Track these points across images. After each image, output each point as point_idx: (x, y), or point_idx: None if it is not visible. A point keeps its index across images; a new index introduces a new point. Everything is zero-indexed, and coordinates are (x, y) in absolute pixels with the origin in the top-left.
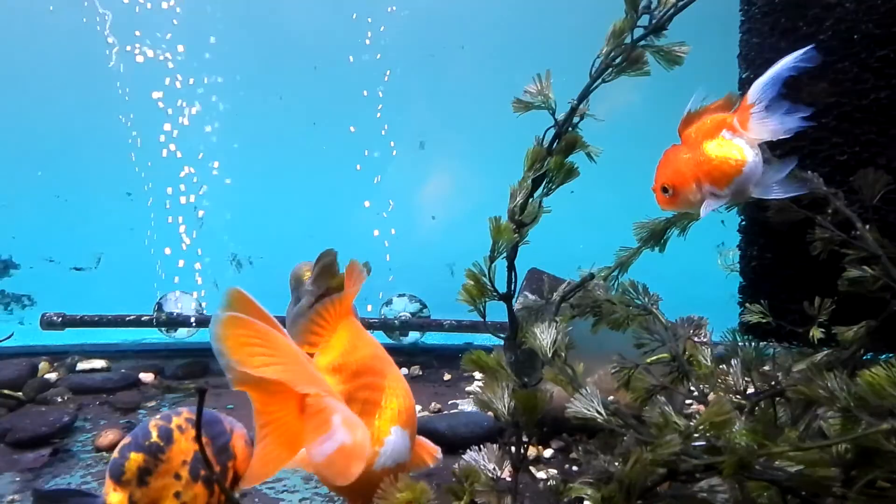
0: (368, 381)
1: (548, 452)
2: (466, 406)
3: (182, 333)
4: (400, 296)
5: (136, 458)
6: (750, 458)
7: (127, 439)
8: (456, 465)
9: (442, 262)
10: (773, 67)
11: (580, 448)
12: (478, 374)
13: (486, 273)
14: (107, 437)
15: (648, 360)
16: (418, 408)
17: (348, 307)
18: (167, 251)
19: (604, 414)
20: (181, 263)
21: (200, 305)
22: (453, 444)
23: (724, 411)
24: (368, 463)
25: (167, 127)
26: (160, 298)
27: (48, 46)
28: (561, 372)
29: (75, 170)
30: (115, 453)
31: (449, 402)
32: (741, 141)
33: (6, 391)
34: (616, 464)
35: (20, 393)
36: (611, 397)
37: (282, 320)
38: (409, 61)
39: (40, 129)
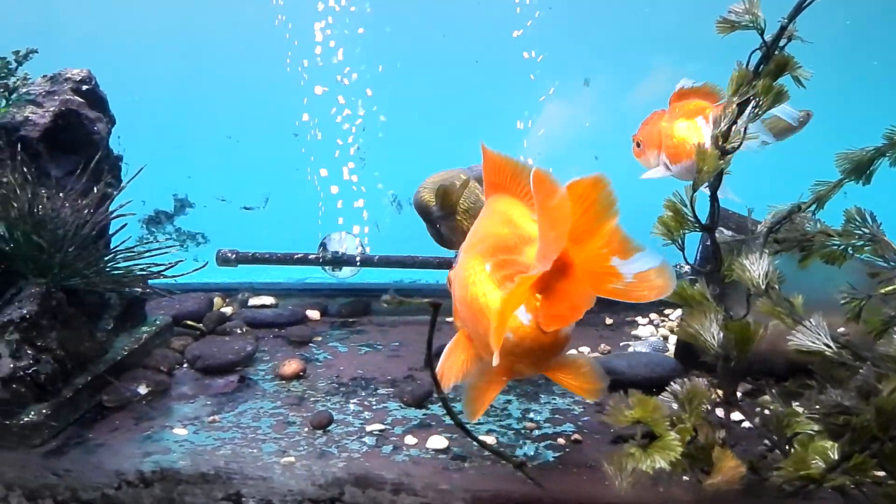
0: None
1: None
2: (640, 348)
3: (345, 273)
4: None
5: None
6: None
7: None
8: (678, 386)
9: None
10: None
11: (774, 391)
12: (642, 320)
13: (688, 203)
14: (290, 366)
15: (882, 291)
16: (586, 350)
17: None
18: (331, 191)
19: (833, 347)
20: (341, 204)
21: (363, 245)
22: (632, 384)
23: None
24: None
25: (330, 67)
26: (324, 238)
27: None
28: (778, 304)
29: (245, 112)
30: None
31: (620, 344)
32: (709, 132)
33: (190, 322)
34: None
35: (201, 325)
36: (840, 329)
37: None
38: None
39: (212, 73)
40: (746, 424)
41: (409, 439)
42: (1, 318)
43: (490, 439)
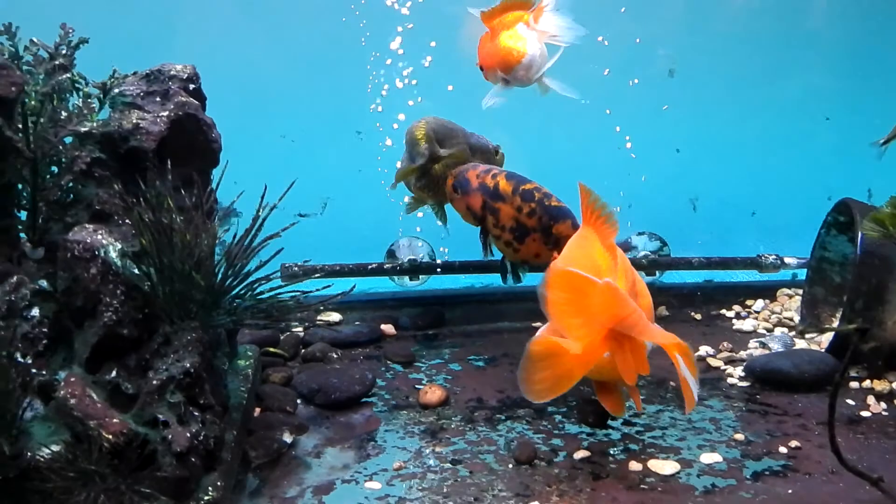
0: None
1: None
2: (772, 344)
3: (414, 281)
4: (639, 234)
5: None
6: None
7: None
8: None
9: (684, 196)
10: None
11: None
12: (728, 312)
13: None
14: (434, 393)
15: None
16: (711, 350)
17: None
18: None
19: None
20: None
21: (433, 251)
22: (799, 383)
23: None
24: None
25: (398, 64)
26: (391, 245)
27: None
28: None
29: (301, 108)
30: None
31: (749, 343)
32: (531, 35)
33: (272, 349)
34: None
35: (281, 350)
36: None
37: None
38: None
39: (266, 68)
40: None
41: (634, 465)
42: (157, 377)
43: (715, 457)
